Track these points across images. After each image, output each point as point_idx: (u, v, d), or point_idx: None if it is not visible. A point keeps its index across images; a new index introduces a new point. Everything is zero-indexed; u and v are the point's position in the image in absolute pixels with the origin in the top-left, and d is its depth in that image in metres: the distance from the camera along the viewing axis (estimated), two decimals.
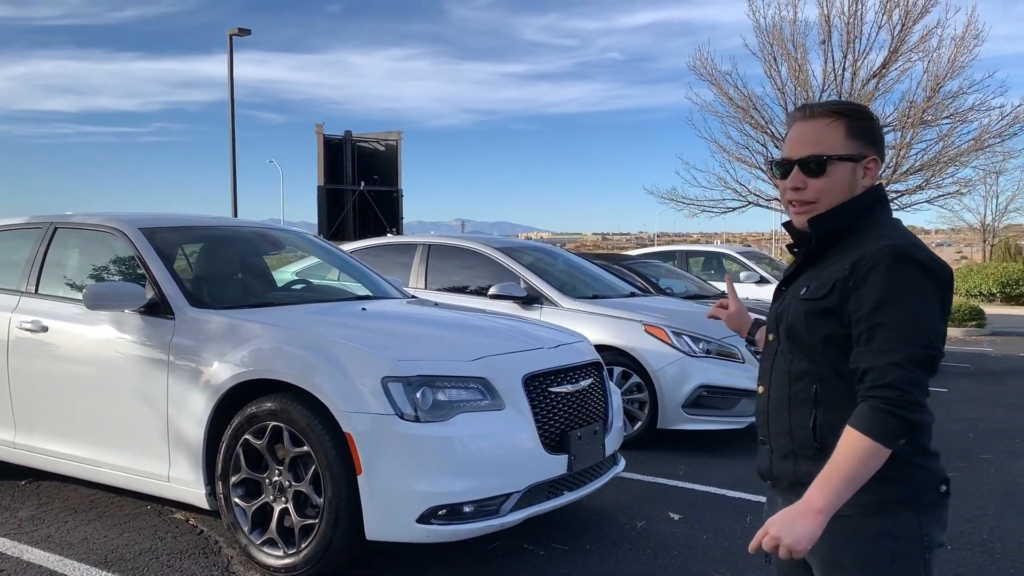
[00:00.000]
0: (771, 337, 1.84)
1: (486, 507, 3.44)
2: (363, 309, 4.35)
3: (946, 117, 16.65)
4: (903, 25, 16.52)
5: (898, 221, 1.76)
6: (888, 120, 16.98)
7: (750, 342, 2.24)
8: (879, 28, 16.75)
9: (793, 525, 1.57)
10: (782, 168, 1.79)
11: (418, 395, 3.36)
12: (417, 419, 3.33)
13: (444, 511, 3.35)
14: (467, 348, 3.75)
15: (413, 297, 5.15)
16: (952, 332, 15.22)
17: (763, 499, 4.72)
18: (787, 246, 1.88)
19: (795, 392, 1.75)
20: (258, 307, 4.31)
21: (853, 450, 1.57)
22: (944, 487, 1.70)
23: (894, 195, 17.36)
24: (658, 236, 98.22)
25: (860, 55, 16.96)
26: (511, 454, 3.53)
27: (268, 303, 4.50)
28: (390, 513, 3.31)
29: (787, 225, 1.88)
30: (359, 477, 3.30)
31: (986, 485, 5.24)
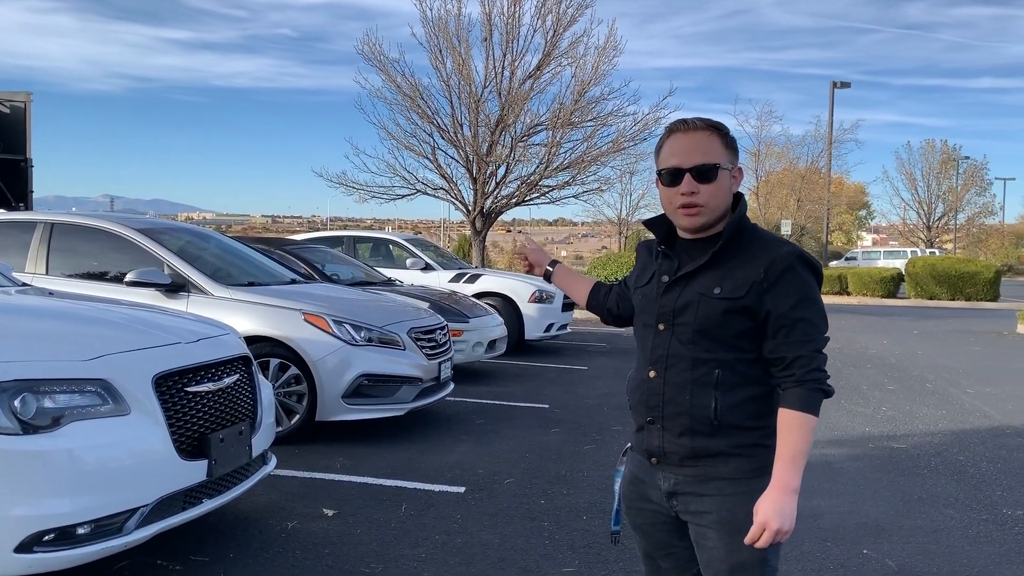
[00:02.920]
0: (661, 327, 2.00)
1: (106, 526, 3.01)
2: None
3: (590, 120, 18.31)
4: (555, 31, 17.86)
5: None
6: (541, 120, 18.29)
7: (547, 279, 2.53)
8: (535, 31, 17.96)
9: (783, 513, 1.83)
10: (671, 176, 1.95)
11: (16, 403, 2.84)
12: (15, 432, 2.81)
13: (51, 536, 2.88)
14: (84, 345, 3.26)
15: (25, 285, 4.43)
16: (591, 315, 16.82)
17: (419, 486, 4.82)
18: (658, 246, 2.07)
19: (697, 376, 1.94)
20: None
21: (804, 430, 1.86)
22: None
23: (546, 189, 18.78)
24: (331, 220, 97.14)
25: (518, 56, 18.04)
26: (137, 465, 3.13)
27: None
28: None
29: (651, 225, 2.07)
30: None
31: (614, 457, 5.77)
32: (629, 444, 2.18)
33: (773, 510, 1.82)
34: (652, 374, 2.01)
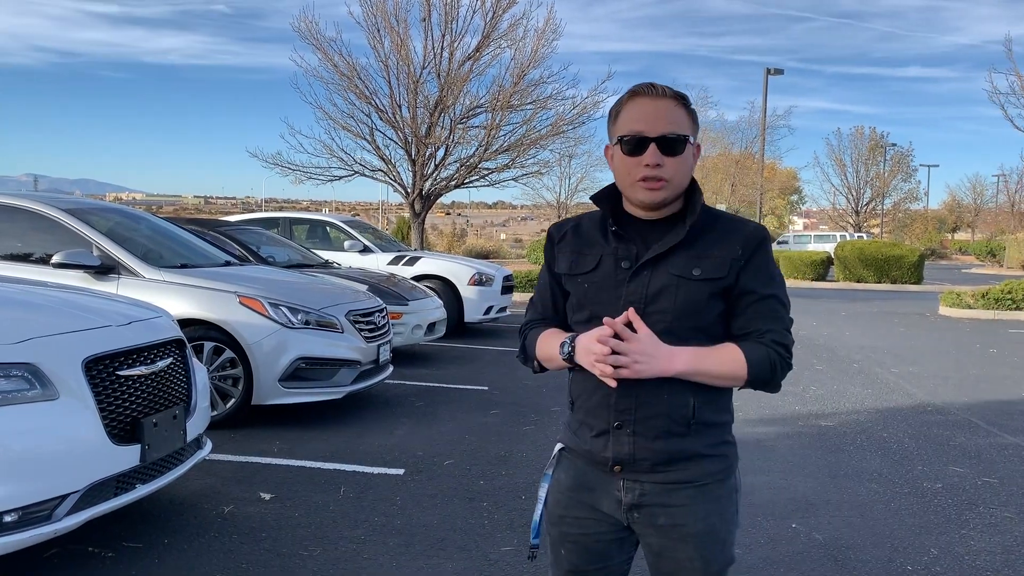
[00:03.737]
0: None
1: (35, 513, 2.94)
2: None
3: (529, 103, 18.33)
4: (494, 12, 17.80)
5: None
6: (481, 102, 18.23)
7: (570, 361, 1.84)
8: (474, 12, 17.87)
9: (652, 360, 1.68)
10: (634, 144, 1.73)
11: None
12: None
13: None
14: (9, 329, 3.15)
15: None
16: (530, 297, 16.91)
17: (358, 468, 4.80)
18: (612, 226, 1.81)
19: None
20: None
21: (731, 366, 1.74)
22: None
23: (486, 172, 18.75)
24: (266, 202, 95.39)
25: (457, 37, 17.94)
26: (67, 450, 3.06)
27: None
28: None
29: (600, 200, 1.84)
30: None
31: (552, 438, 5.84)
32: (561, 446, 1.95)
33: (644, 348, 1.68)
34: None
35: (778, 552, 3.84)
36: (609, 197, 1.85)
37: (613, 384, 1.72)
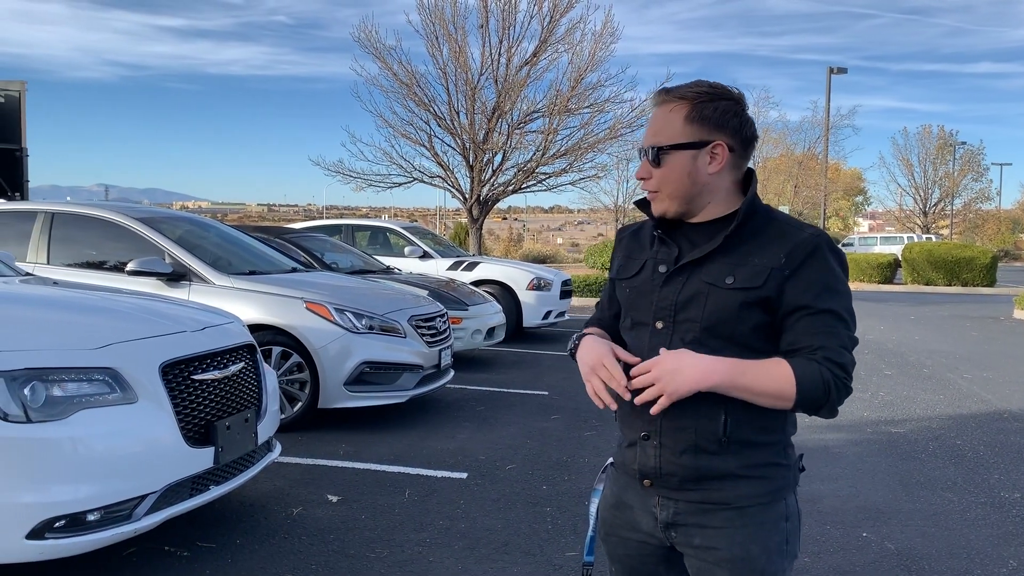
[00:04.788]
0: (659, 325, 1.69)
1: (116, 513, 3.05)
2: None
3: (587, 107, 18.31)
4: (552, 17, 17.84)
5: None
6: (538, 107, 18.27)
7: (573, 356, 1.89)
8: (531, 18, 17.93)
9: (680, 375, 1.57)
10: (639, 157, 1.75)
11: (26, 391, 2.87)
12: (25, 419, 2.84)
13: (62, 522, 2.91)
14: (91, 334, 3.28)
15: (28, 274, 4.44)
16: (588, 302, 16.89)
17: (422, 472, 4.86)
18: (656, 230, 1.76)
19: None
20: None
21: (776, 383, 1.58)
22: (801, 465, 1.79)
23: (543, 177, 18.78)
24: (327, 209, 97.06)
25: (514, 42, 18.03)
26: (146, 451, 3.16)
27: None
28: None
29: (644, 205, 1.79)
30: None
31: (614, 443, 5.81)
32: (610, 460, 1.89)
33: (671, 366, 1.58)
34: None
35: (849, 561, 3.76)
36: None
37: (611, 402, 1.68)
